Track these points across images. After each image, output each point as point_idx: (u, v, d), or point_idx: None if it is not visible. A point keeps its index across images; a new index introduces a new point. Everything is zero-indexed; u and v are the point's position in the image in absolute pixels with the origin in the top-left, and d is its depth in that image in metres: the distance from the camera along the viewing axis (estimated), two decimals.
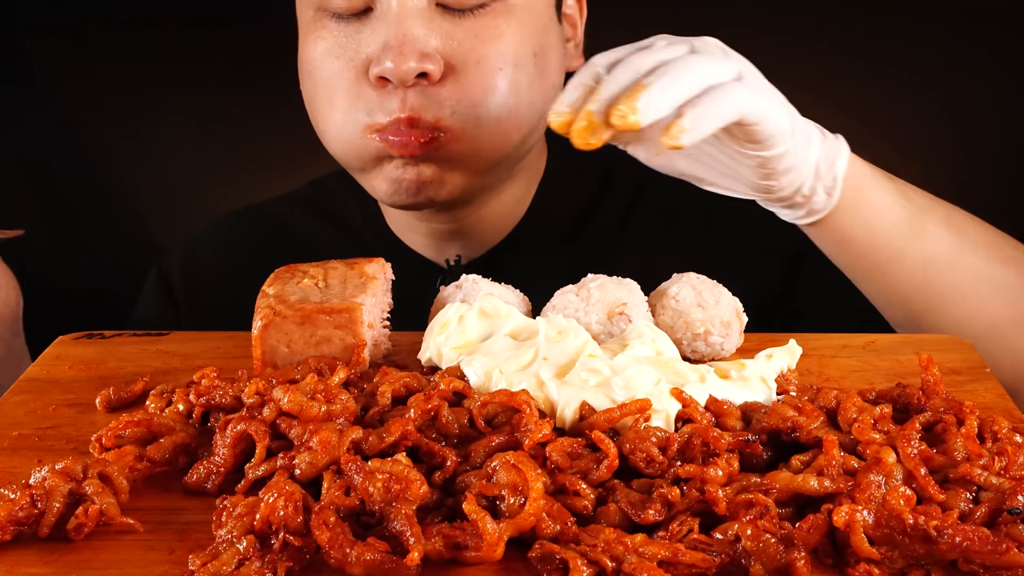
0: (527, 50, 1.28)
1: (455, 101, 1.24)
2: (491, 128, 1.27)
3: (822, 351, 1.12)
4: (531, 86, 1.29)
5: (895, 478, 0.81)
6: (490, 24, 1.25)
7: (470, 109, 1.25)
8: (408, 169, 1.27)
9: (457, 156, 1.27)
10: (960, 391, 1.03)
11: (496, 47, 1.25)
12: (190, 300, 1.56)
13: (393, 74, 1.21)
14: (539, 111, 1.30)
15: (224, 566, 0.73)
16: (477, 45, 1.25)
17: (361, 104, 1.26)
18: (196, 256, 1.60)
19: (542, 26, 1.30)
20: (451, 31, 1.24)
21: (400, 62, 1.20)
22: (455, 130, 1.25)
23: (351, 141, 1.28)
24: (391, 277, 1.13)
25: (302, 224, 1.57)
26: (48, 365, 1.10)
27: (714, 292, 1.09)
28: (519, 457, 0.80)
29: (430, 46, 1.22)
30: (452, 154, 1.27)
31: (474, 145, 1.27)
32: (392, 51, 1.21)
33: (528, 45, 1.28)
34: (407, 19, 1.22)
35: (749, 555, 0.75)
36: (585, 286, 1.08)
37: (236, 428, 0.87)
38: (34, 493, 0.79)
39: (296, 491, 0.77)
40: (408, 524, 0.75)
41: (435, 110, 1.24)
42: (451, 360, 1.00)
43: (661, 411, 0.89)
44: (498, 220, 1.44)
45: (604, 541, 0.74)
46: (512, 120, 1.28)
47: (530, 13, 1.28)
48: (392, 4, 1.22)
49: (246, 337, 1.07)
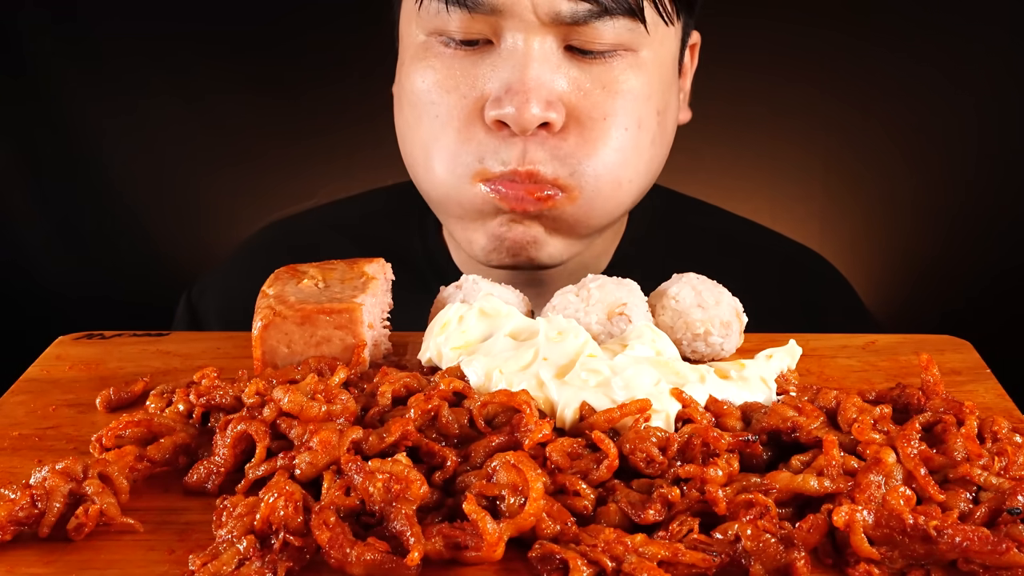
0: (652, 108, 1.19)
1: (576, 160, 1.15)
2: (610, 190, 1.18)
3: (822, 351, 1.12)
4: (653, 146, 1.20)
5: (895, 478, 0.81)
6: (619, 76, 1.16)
7: (591, 168, 1.16)
8: (514, 227, 1.18)
9: (569, 218, 1.19)
10: (960, 391, 1.03)
11: (623, 103, 1.16)
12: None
13: (515, 120, 1.12)
14: (656, 171, 1.23)
15: (224, 566, 0.73)
16: (604, 99, 1.16)
17: (473, 147, 1.16)
18: (227, 284, 1.50)
19: (668, 82, 1.22)
20: (578, 79, 1.15)
21: (524, 109, 1.11)
22: (573, 190, 1.16)
23: (457, 187, 1.18)
24: (391, 277, 1.13)
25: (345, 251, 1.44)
26: (48, 365, 1.10)
27: (714, 292, 1.09)
28: (519, 457, 0.80)
29: (555, 93, 1.13)
30: (564, 215, 1.18)
31: (588, 208, 1.18)
32: (516, 96, 1.11)
33: (654, 103, 1.19)
34: (535, 61, 1.12)
35: (749, 555, 0.75)
36: (585, 286, 1.08)
37: (236, 428, 0.87)
38: (34, 493, 0.79)
39: (296, 491, 0.77)
40: (408, 524, 0.75)
41: (555, 166, 1.15)
42: (451, 360, 1.00)
43: (661, 411, 0.89)
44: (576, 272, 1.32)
45: (604, 541, 0.74)
46: (632, 183, 1.20)
47: (659, 67, 1.19)
48: (520, 42, 1.12)
49: (246, 337, 1.07)
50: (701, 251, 1.44)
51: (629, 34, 1.15)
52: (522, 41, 1.12)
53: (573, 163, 1.15)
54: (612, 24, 1.13)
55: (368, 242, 1.42)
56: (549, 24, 1.12)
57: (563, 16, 1.11)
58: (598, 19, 1.12)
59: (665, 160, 1.28)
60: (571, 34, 1.13)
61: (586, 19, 1.12)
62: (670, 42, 1.22)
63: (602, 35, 1.13)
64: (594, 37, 1.13)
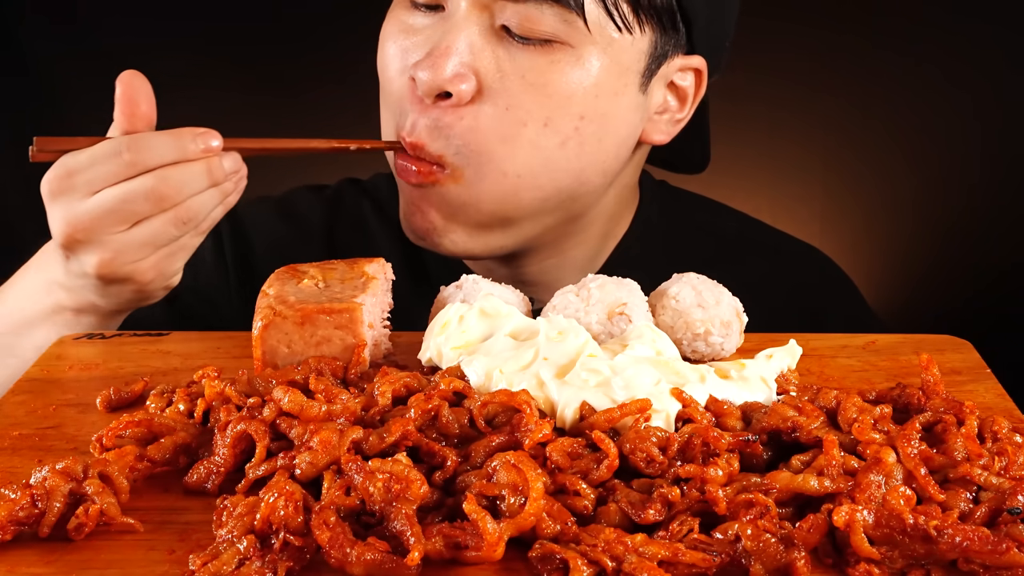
0: (571, 111, 1.17)
1: (463, 141, 1.16)
2: (493, 179, 1.18)
3: (822, 351, 1.12)
4: (562, 149, 1.18)
5: (895, 478, 0.81)
6: (543, 68, 1.15)
7: (476, 153, 1.17)
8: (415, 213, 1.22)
9: (455, 200, 1.20)
10: (960, 391, 1.03)
11: (532, 98, 1.15)
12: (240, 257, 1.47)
13: (421, 83, 1.15)
14: (573, 177, 1.21)
15: (224, 566, 0.73)
16: (516, 87, 1.15)
17: (392, 102, 1.21)
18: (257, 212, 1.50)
19: (609, 90, 1.18)
20: (501, 59, 1.15)
21: (432, 74, 1.13)
22: (456, 171, 1.18)
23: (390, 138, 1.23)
24: (391, 277, 1.13)
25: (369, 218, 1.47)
26: (48, 365, 1.10)
27: (714, 292, 1.09)
28: (519, 457, 0.80)
29: (470, 66, 1.14)
30: (450, 195, 1.20)
31: (475, 193, 1.19)
32: (430, 58, 1.14)
33: (576, 106, 1.17)
34: (463, 30, 1.14)
35: (749, 555, 0.75)
36: (585, 286, 1.08)
37: (236, 428, 0.87)
38: (34, 493, 0.79)
39: (296, 491, 0.77)
40: (408, 524, 0.75)
41: (441, 144, 1.17)
42: (451, 360, 1.00)
43: (661, 411, 0.89)
44: (567, 275, 1.33)
45: (604, 541, 0.74)
46: (521, 178, 1.19)
47: (598, 72, 1.16)
48: (459, 8, 1.15)
49: (246, 337, 1.07)
50: (702, 249, 1.44)
51: (566, 26, 1.14)
52: (462, 9, 1.15)
53: (459, 143, 1.17)
54: (546, 10, 1.13)
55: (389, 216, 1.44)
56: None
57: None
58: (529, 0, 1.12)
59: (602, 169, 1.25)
60: (507, 13, 1.14)
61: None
62: (627, 52, 1.18)
63: (537, 20, 1.13)
64: (528, 21, 1.13)
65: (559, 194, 1.24)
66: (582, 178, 1.23)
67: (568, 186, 1.23)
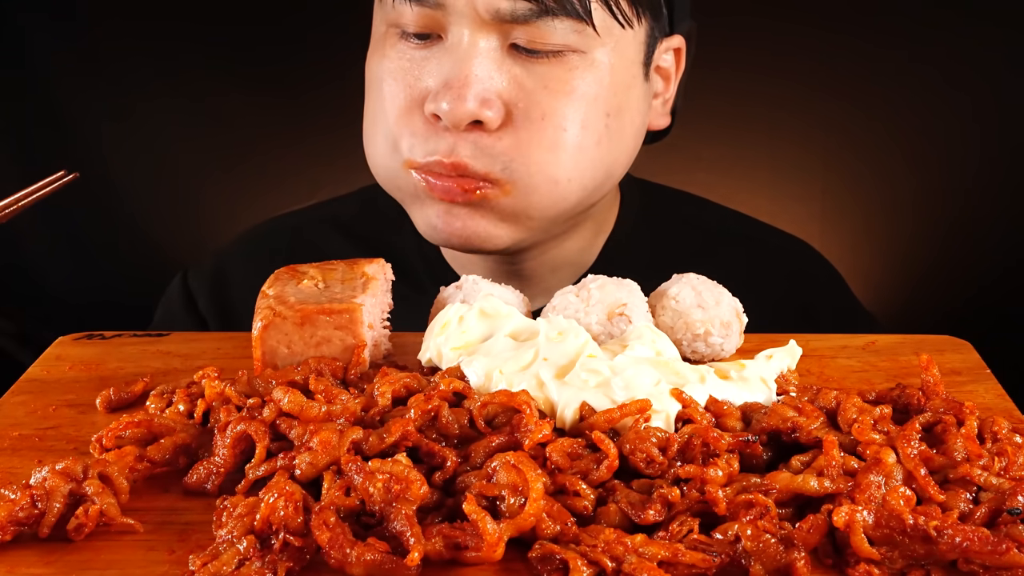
0: (599, 110, 1.18)
1: (509, 158, 1.16)
2: (546, 188, 1.18)
3: (822, 351, 1.12)
4: (598, 147, 1.20)
5: (895, 478, 0.81)
6: (563, 76, 1.15)
7: (524, 167, 1.17)
8: (452, 221, 1.20)
9: (507, 208, 1.19)
10: (960, 391, 1.03)
11: (565, 103, 1.16)
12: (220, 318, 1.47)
13: (447, 115, 1.13)
14: (606, 172, 1.23)
15: (224, 566, 0.73)
16: (545, 98, 1.15)
17: (406, 136, 1.18)
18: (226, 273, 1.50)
19: (623, 85, 1.20)
20: (520, 77, 1.15)
21: (457, 105, 1.12)
22: (505, 185, 1.17)
23: (393, 171, 1.21)
24: (391, 277, 1.13)
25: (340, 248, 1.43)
26: (48, 365, 1.10)
27: (714, 293, 1.09)
28: (519, 457, 0.80)
29: (493, 91, 1.14)
30: (501, 205, 1.19)
31: (526, 201, 1.19)
32: (451, 91, 1.13)
33: (602, 105, 1.18)
34: (475, 57, 1.13)
35: (749, 555, 0.75)
36: (585, 287, 1.08)
37: (236, 428, 0.87)
38: (34, 493, 0.79)
39: (296, 491, 0.77)
40: (408, 524, 0.75)
41: (486, 162, 1.16)
42: (451, 360, 1.00)
43: (661, 411, 0.89)
44: (560, 267, 1.36)
45: (604, 541, 0.74)
46: (571, 182, 1.20)
47: (611, 70, 1.18)
48: (463, 37, 1.13)
49: (246, 338, 1.07)
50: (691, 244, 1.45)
51: (576, 35, 1.14)
52: (465, 37, 1.14)
53: (505, 160, 1.16)
54: (557, 25, 1.13)
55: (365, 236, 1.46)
56: (492, 21, 1.13)
57: (503, 14, 1.12)
58: (540, 18, 1.12)
59: (625, 161, 1.27)
60: (516, 32, 1.13)
61: (527, 18, 1.12)
62: (630, 45, 1.20)
63: (548, 35, 1.13)
64: (540, 37, 1.13)
65: (596, 190, 1.26)
66: (611, 172, 1.25)
67: (601, 182, 1.25)
